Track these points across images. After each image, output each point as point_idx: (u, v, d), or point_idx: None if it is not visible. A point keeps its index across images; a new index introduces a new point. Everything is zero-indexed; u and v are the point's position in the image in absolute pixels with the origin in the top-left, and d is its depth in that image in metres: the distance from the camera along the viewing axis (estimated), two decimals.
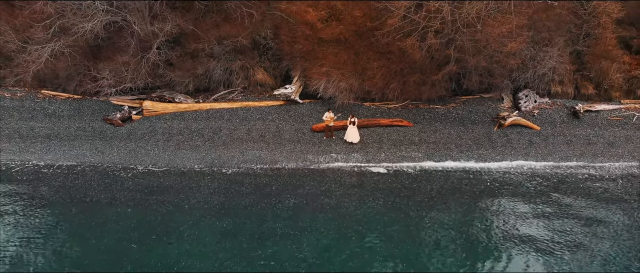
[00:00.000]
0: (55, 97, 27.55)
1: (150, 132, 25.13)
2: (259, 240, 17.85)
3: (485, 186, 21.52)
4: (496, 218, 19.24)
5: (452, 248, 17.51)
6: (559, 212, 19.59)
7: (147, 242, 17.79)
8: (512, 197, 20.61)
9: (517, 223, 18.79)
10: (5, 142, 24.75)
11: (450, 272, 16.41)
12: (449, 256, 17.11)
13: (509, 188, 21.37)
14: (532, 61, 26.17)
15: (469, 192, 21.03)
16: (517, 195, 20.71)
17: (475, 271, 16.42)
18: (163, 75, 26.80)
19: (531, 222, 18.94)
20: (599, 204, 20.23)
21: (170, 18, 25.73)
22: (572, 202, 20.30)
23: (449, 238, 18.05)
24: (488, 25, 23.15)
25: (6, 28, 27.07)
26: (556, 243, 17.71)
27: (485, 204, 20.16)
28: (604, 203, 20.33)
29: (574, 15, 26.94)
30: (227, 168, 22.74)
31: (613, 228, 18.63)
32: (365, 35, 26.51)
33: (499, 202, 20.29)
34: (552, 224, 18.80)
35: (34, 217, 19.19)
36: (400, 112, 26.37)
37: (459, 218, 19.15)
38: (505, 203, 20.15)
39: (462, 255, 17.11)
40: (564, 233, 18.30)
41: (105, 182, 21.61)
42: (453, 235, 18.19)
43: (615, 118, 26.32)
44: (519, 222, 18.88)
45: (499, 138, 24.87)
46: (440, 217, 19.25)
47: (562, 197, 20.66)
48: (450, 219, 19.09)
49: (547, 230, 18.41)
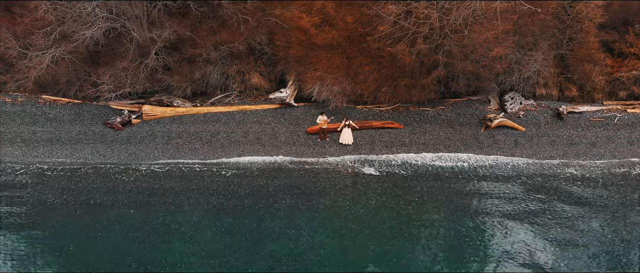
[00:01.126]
0: (56, 102, 28.24)
1: (149, 135, 25.91)
2: (257, 238, 18.74)
3: (472, 183, 22.60)
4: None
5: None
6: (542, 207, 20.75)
7: (151, 241, 18.63)
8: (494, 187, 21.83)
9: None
10: (8, 146, 25.45)
11: (450, 272, 17.32)
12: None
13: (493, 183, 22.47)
14: (518, 65, 27.15)
15: (455, 186, 22.09)
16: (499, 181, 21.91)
17: (473, 271, 17.34)
18: (161, 80, 27.55)
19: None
20: (580, 199, 21.43)
21: (168, 25, 26.54)
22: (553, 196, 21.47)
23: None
24: (474, 31, 24.13)
25: (7, 35, 27.77)
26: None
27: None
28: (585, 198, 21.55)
29: (558, 20, 27.91)
30: (227, 171, 23.58)
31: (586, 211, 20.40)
32: (357, 40, 27.35)
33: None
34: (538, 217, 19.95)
35: (41, 218, 19.95)
36: (391, 115, 27.31)
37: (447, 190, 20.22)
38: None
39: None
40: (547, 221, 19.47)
41: (107, 185, 22.38)
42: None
43: (597, 119, 27.38)
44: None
45: (486, 139, 25.89)
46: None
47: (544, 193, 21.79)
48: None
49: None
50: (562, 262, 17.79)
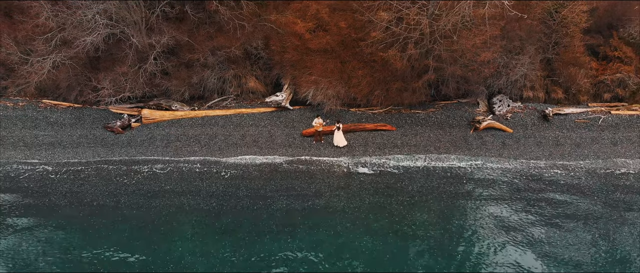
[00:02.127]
0: (56, 106, 28.90)
1: (149, 138, 26.65)
2: (256, 237, 19.54)
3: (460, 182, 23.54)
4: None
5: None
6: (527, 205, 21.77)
7: (154, 241, 19.40)
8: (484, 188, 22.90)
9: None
10: (11, 149, 26.10)
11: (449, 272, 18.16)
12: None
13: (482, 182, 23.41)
14: (505, 68, 28.13)
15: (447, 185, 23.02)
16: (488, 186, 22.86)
17: (473, 271, 18.22)
18: (160, 84, 28.29)
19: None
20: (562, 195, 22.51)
21: (166, 31, 27.27)
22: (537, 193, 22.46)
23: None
24: (463, 37, 25.03)
25: (8, 41, 28.39)
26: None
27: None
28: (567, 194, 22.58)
29: (544, 25, 28.90)
30: (226, 172, 24.35)
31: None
32: (350, 45, 28.17)
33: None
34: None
35: (46, 219, 20.65)
36: (384, 117, 28.19)
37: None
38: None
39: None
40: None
41: (109, 187, 23.10)
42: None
43: (582, 121, 28.38)
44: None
45: (475, 141, 26.82)
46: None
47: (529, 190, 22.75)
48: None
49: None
50: (545, 251, 18.82)
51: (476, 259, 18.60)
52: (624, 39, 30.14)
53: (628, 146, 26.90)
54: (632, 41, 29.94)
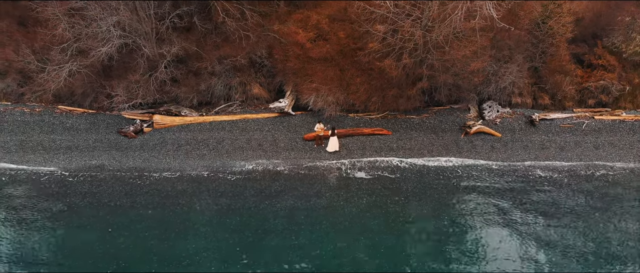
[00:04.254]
0: (71, 112, 30.60)
1: (161, 143, 28.38)
2: (262, 235, 21.32)
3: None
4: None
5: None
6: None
7: (168, 238, 21.17)
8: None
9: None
10: (30, 153, 27.80)
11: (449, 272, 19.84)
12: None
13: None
14: (495, 76, 29.92)
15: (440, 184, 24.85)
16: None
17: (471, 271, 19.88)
18: (170, 91, 30.03)
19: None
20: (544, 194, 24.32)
21: (176, 41, 29.01)
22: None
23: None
24: (454, 48, 26.79)
25: (26, 51, 30.11)
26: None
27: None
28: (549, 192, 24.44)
29: (532, 36, 30.67)
30: (232, 175, 26.12)
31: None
32: (349, 54, 29.88)
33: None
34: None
35: (68, 219, 22.39)
36: (380, 122, 29.96)
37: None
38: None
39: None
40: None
41: (125, 188, 24.84)
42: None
43: (567, 125, 30.16)
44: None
45: (465, 144, 28.61)
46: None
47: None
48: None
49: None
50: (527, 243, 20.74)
51: (464, 253, 20.36)
52: (608, 48, 31.88)
53: (609, 149, 28.70)
54: (615, 50, 31.68)
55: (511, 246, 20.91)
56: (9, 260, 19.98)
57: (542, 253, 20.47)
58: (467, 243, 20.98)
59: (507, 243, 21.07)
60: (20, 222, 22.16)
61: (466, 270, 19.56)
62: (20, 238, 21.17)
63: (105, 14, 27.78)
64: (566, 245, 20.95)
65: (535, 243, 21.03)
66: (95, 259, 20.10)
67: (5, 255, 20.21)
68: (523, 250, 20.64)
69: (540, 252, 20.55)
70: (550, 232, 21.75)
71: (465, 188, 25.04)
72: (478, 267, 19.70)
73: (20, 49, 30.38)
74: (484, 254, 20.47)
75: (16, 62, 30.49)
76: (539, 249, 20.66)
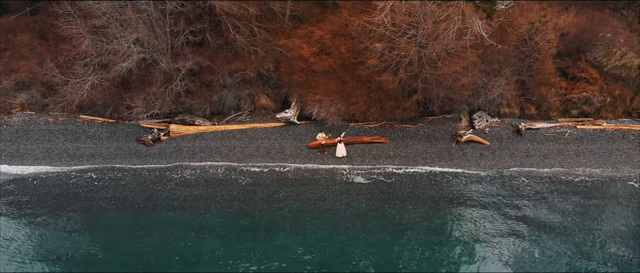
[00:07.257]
0: (92, 121, 33.05)
1: (177, 150, 30.86)
2: (272, 234, 23.78)
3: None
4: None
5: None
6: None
7: (189, 238, 23.64)
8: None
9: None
10: (57, 160, 30.27)
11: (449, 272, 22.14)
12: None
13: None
14: (484, 88, 32.40)
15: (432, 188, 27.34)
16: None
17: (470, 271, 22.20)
18: (184, 102, 32.52)
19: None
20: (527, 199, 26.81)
21: (190, 56, 31.48)
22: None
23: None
24: (446, 64, 29.25)
25: (50, 65, 32.55)
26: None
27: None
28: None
29: (519, 51, 33.13)
30: (243, 180, 28.58)
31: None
32: (350, 68, 32.24)
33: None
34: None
35: (96, 221, 24.84)
36: (379, 131, 32.43)
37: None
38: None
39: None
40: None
41: (146, 192, 27.30)
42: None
43: (551, 134, 32.59)
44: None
45: (456, 152, 31.08)
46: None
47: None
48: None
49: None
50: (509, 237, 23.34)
51: (454, 249, 22.84)
52: (590, 62, 34.22)
53: (589, 157, 31.14)
54: (597, 64, 34.03)
55: (495, 228, 24.13)
56: (46, 258, 22.43)
57: (524, 230, 23.97)
58: (456, 234, 23.53)
59: (492, 224, 24.38)
60: (56, 223, 24.61)
61: (464, 270, 21.93)
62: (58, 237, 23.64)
63: (125, 32, 30.23)
64: (546, 239, 23.51)
65: (513, 225, 24.48)
66: (122, 256, 22.48)
67: (46, 252, 22.67)
68: (504, 230, 23.90)
69: (521, 230, 24.18)
70: (529, 227, 24.25)
71: (455, 191, 27.47)
72: (469, 256, 22.22)
73: (45, 62, 32.82)
74: (476, 236, 23.27)
75: (41, 76, 32.92)
76: (517, 231, 24.14)
